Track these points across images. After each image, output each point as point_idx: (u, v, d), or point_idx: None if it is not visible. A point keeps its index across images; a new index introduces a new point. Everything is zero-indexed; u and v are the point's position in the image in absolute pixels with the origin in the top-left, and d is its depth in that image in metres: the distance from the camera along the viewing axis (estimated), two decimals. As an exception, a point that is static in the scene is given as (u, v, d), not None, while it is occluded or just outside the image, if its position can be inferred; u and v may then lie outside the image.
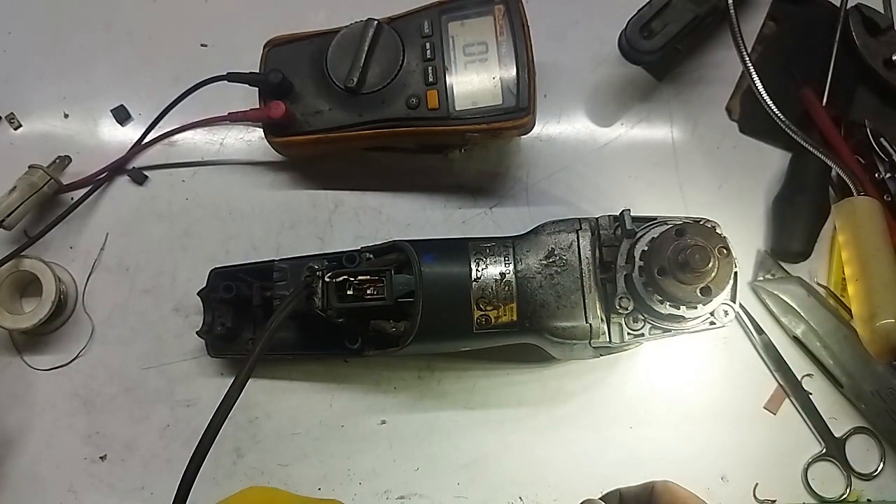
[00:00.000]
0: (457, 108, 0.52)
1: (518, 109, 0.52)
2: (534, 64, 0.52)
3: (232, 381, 0.42)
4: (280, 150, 0.57)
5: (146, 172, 0.59)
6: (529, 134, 0.59)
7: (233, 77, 0.55)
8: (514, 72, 0.52)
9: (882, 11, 0.62)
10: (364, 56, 0.52)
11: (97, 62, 0.62)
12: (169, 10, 0.63)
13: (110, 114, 0.61)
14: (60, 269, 0.57)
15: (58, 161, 0.58)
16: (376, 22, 0.53)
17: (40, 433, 0.56)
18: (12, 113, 0.60)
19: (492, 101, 0.52)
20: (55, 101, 0.61)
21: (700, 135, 0.62)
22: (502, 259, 0.49)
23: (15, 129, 0.60)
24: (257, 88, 0.55)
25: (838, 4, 0.62)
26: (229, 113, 0.55)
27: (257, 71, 0.55)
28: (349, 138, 0.54)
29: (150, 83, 0.61)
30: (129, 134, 0.60)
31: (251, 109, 0.54)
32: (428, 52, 0.53)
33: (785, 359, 0.57)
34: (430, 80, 0.52)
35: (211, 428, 0.41)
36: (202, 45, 0.62)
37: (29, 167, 0.56)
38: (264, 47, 0.55)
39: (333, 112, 0.54)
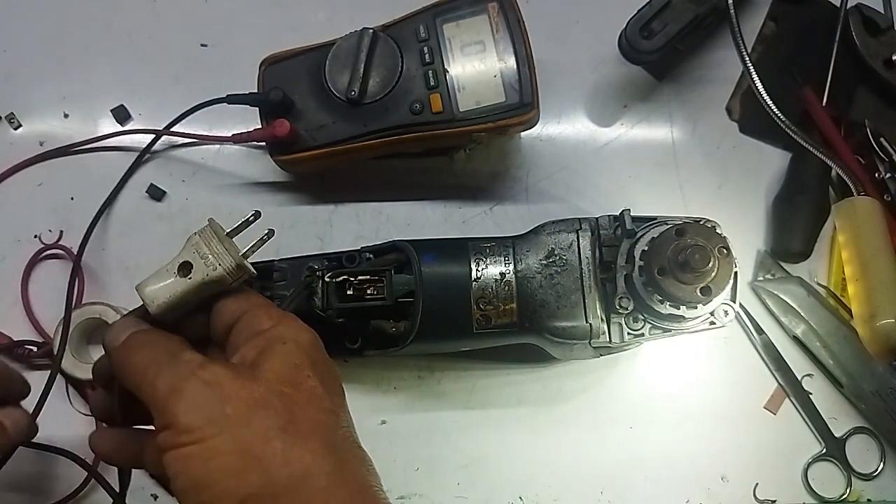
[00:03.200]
0: (461, 110, 0.52)
1: (522, 105, 0.52)
2: (533, 58, 0.52)
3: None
4: (286, 167, 0.57)
5: (162, 187, 0.59)
6: (530, 134, 0.59)
7: (233, 99, 0.54)
8: (514, 67, 0.52)
9: (882, 11, 0.62)
10: (363, 66, 0.52)
11: (97, 62, 0.62)
12: (169, 10, 0.63)
13: (110, 114, 0.60)
14: None
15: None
16: (371, 30, 0.52)
17: (41, 433, 0.56)
18: (12, 113, 0.60)
19: (495, 98, 0.52)
20: (55, 101, 0.61)
21: (700, 135, 0.62)
22: (502, 259, 0.49)
23: (15, 129, 0.60)
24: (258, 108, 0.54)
25: (838, 4, 0.62)
26: (233, 135, 0.55)
27: (256, 78, 0.55)
28: (356, 150, 0.53)
29: (150, 83, 0.61)
30: (129, 134, 0.61)
31: (255, 130, 0.54)
32: (426, 55, 0.53)
33: (785, 359, 0.57)
34: (432, 83, 0.52)
35: None
36: (202, 45, 0.62)
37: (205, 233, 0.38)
38: (260, 66, 0.55)
39: (337, 125, 0.53)
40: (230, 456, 0.31)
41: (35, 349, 0.56)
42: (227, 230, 0.39)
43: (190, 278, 0.37)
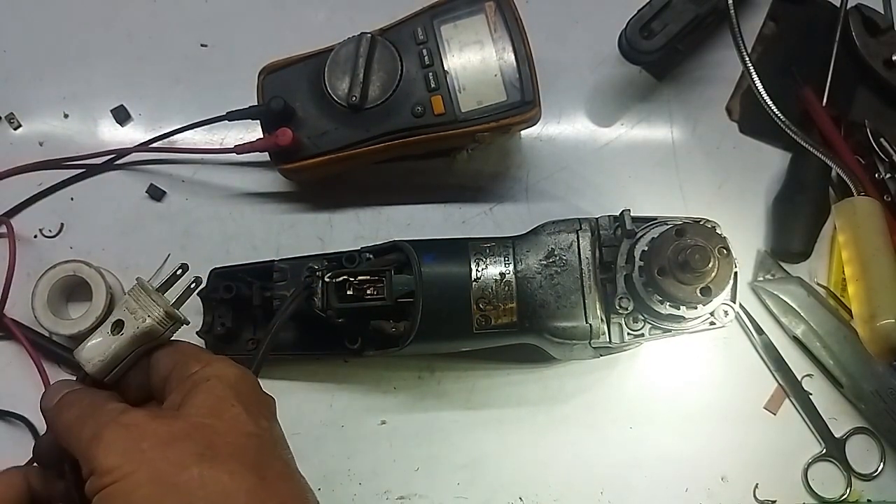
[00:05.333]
0: (463, 110, 0.52)
1: (524, 103, 0.52)
2: (532, 56, 0.52)
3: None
4: (290, 175, 0.57)
5: (162, 187, 0.59)
6: (530, 134, 0.59)
7: (233, 115, 0.54)
8: (514, 66, 0.52)
9: (882, 11, 0.62)
10: (362, 71, 0.52)
11: (97, 62, 0.62)
12: (169, 10, 0.63)
13: (110, 114, 0.60)
14: (109, 275, 0.56)
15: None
16: (369, 35, 0.52)
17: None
18: (12, 113, 0.60)
19: (496, 97, 0.52)
20: (55, 101, 0.61)
21: (700, 135, 0.62)
22: (502, 259, 0.49)
23: (15, 129, 0.60)
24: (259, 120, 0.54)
25: (838, 4, 0.62)
26: (236, 146, 0.55)
27: (256, 80, 0.55)
28: (359, 155, 0.53)
29: (150, 83, 0.61)
30: (130, 134, 0.60)
31: (258, 140, 0.54)
32: (425, 58, 0.52)
33: (785, 359, 0.57)
34: (433, 85, 0.52)
35: None
36: (202, 45, 0.62)
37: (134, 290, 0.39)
38: (259, 75, 0.55)
39: (340, 131, 0.53)
40: (148, 487, 0.33)
41: None
42: (157, 286, 0.40)
43: (122, 334, 0.38)
